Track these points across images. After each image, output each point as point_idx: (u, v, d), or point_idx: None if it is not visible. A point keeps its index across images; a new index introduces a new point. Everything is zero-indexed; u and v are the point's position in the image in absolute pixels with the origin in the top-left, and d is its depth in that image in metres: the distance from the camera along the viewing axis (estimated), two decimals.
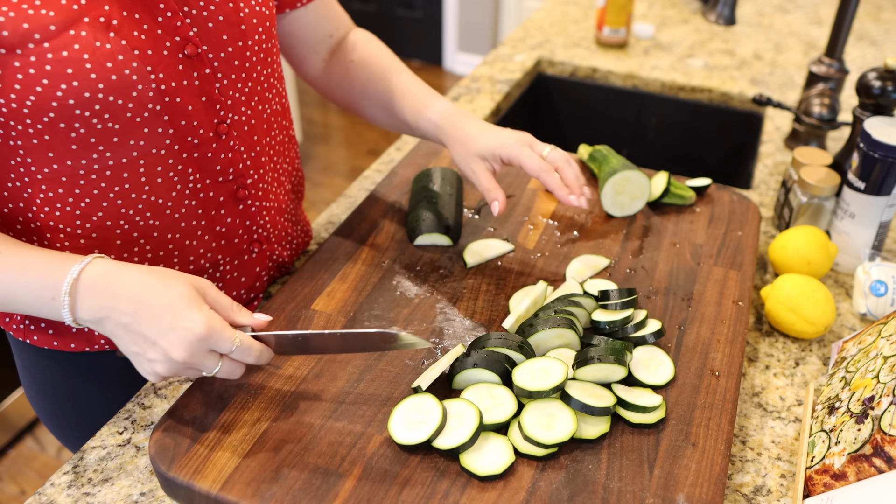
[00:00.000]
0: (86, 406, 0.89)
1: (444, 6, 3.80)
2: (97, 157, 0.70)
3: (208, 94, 0.75)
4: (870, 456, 0.62)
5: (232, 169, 0.80)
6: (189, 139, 0.75)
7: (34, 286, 0.66)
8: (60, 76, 0.65)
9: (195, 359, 0.65)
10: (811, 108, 1.20)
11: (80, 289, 0.65)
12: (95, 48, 0.66)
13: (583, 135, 1.64)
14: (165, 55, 0.71)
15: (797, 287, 0.86)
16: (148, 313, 0.64)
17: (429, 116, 0.91)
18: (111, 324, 0.65)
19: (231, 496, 0.63)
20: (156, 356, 0.65)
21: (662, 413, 0.71)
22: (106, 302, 0.65)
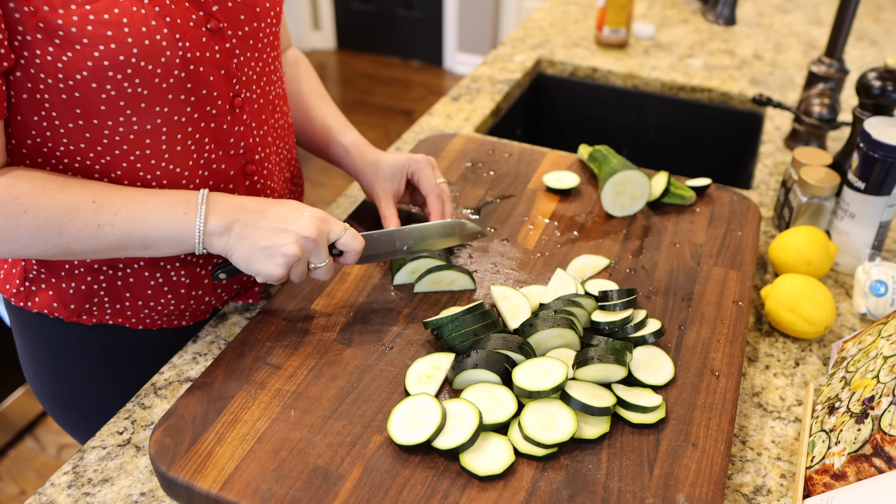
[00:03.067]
0: (83, 385, 0.91)
1: (444, 6, 3.80)
2: (123, 119, 0.74)
3: (227, 68, 0.80)
4: (870, 456, 0.62)
5: (243, 143, 0.84)
6: (208, 108, 0.79)
7: (165, 205, 0.73)
8: (100, 37, 0.69)
9: (321, 238, 0.75)
10: (811, 108, 1.20)
11: (213, 202, 0.75)
12: (133, 13, 0.70)
13: (583, 135, 1.64)
14: (191, 26, 0.75)
15: (797, 287, 0.86)
16: (275, 211, 0.75)
17: (341, 142, 0.98)
18: (240, 225, 0.74)
19: (231, 496, 0.63)
20: (287, 239, 0.73)
21: (662, 413, 0.71)
22: (235, 209, 0.75)
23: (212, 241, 0.75)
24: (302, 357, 0.77)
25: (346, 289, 0.86)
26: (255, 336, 0.79)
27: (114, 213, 0.72)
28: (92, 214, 0.72)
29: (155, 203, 0.74)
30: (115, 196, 0.73)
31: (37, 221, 0.70)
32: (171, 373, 0.81)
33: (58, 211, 0.71)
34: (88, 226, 0.71)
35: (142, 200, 0.73)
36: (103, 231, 0.72)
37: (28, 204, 0.70)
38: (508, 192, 1.04)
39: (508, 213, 1.00)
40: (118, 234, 0.72)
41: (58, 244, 0.72)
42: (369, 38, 4.09)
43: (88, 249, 0.73)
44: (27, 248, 0.72)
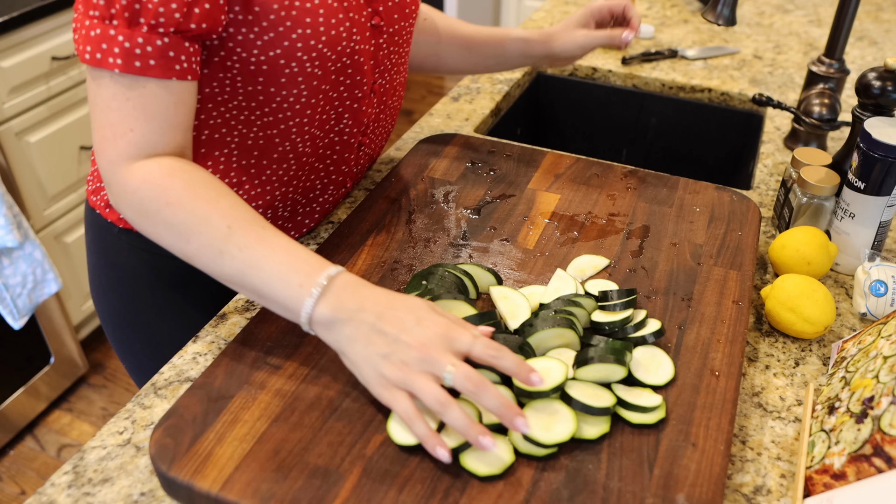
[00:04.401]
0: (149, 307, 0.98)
1: (444, 6, 3.80)
2: (296, 92, 0.81)
3: (377, 59, 0.90)
4: (870, 456, 0.62)
5: (367, 120, 0.94)
6: (356, 91, 0.89)
7: (287, 267, 0.69)
8: (300, 23, 0.77)
9: (434, 351, 0.64)
10: (811, 108, 1.20)
11: (333, 287, 0.68)
12: (328, 5, 0.79)
13: (583, 135, 1.64)
14: (362, 22, 0.85)
15: (797, 287, 0.86)
16: (392, 315, 0.66)
17: (514, 36, 1.09)
18: (351, 326, 0.66)
19: (231, 496, 0.63)
20: (395, 349, 0.65)
21: (663, 413, 0.71)
22: (352, 304, 0.67)
23: (319, 329, 0.68)
24: (302, 357, 0.77)
25: None
26: (255, 336, 0.79)
27: (240, 247, 0.69)
28: (221, 238, 0.70)
29: (281, 258, 0.69)
30: (251, 231, 0.70)
31: (173, 219, 0.71)
32: (171, 373, 0.81)
33: (194, 219, 0.70)
34: (213, 248, 0.70)
35: (271, 248, 0.69)
36: (224, 260, 0.70)
37: (172, 198, 0.71)
38: (508, 192, 1.04)
39: (508, 213, 1.00)
40: (235, 270, 0.70)
41: (184, 250, 0.72)
42: None
43: (207, 269, 0.72)
44: (160, 237, 0.73)
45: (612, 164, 1.11)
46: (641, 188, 1.05)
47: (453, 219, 0.99)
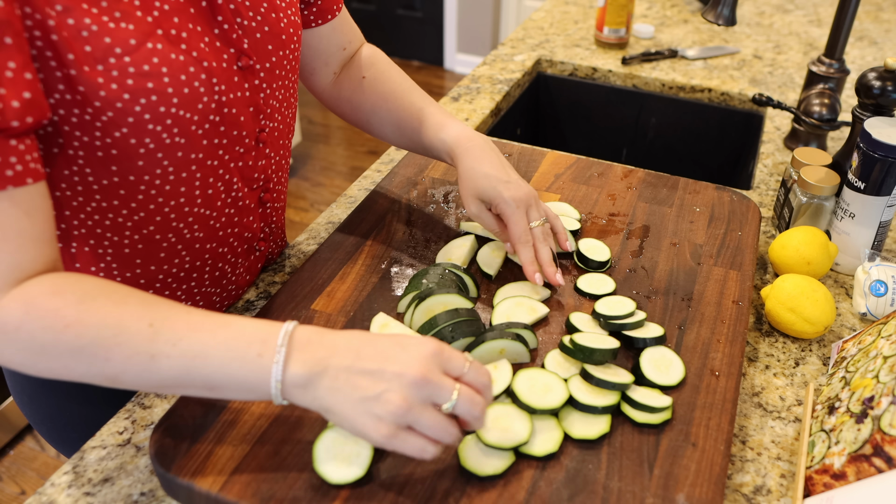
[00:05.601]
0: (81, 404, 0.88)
1: (444, 6, 3.80)
2: (160, 172, 0.69)
3: (255, 104, 0.77)
4: (870, 456, 0.62)
5: (263, 175, 0.82)
6: (237, 149, 0.76)
7: (237, 343, 0.59)
8: (141, 91, 0.64)
9: (432, 375, 0.57)
10: (811, 108, 1.20)
11: (296, 343, 0.59)
12: (171, 60, 0.65)
13: (583, 135, 1.64)
14: (224, 67, 0.71)
15: (797, 287, 0.86)
16: (371, 349, 0.59)
17: (442, 137, 0.88)
18: (329, 376, 0.58)
19: (231, 496, 0.63)
20: (387, 385, 0.57)
21: (668, 415, 0.70)
22: (324, 352, 0.59)
23: (294, 393, 0.59)
24: None
25: (346, 289, 0.86)
26: None
27: (173, 343, 0.59)
28: (146, 341, 0.59)
29: (225, 336, 0.59)
30: (179, 321, 0.60)
31: (80, 341, 0.58)
32: None
33: (106, 332, 0.58)
34: (140, 354, 0.59)
35: (209, 330, 0.60)
36: (158, 364, 0.59)
37: (71, 318, 0.58)
38: None
39: None
40: (175, 370, 0.59)
41: (103, 371, 0.59)
42: (369, 38, 4.09)
43: (140, 382, 0.60)
44: (69, 371, 0.60)
45: (612, 164, 1.11)
46: (641, 188, 1.05)
47: (453, 219, 0.99)
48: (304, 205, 2.97)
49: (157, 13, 0.65)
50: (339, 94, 0.97)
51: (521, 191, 0.82)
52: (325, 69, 0.96)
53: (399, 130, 0.93)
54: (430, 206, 1.01)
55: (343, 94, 0.96)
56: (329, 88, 0.98)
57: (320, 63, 0.95)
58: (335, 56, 0.96)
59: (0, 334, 0.59)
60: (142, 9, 0.64)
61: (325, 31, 0.93)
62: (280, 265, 0.95)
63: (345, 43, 0.96)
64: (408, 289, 0.83)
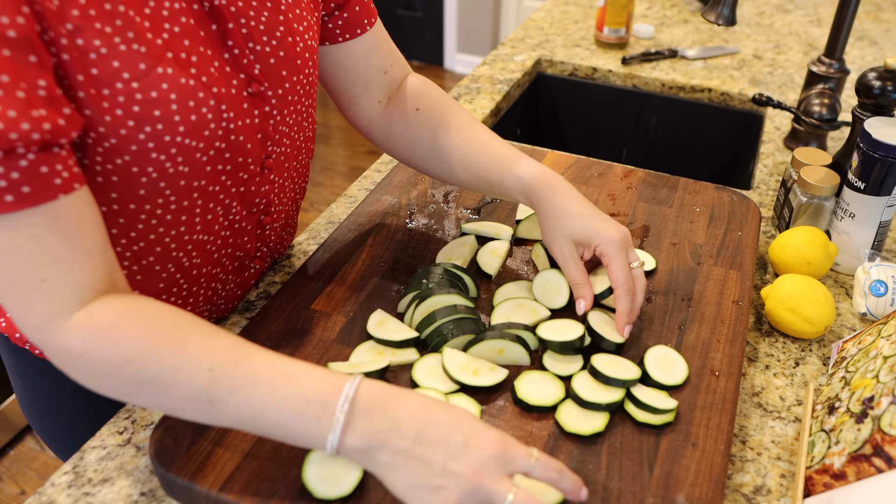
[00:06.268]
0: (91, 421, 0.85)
1: (444, 6, 3.80)
2: (161, 201, 0.67)
3: (264, 131, 0.73)
4: (870, 456, 0.62)
5: (265, 200, 0.79)
6: (241, 175, 0.73)
7: (296, 401, 0.57)
8: (146, 118, 0.61)
9: (489, 481, 0.55)
10: (811, 108, 1.20)
11: (358, 410, 0.57)
12: (181, 86, 0.62)
13: (583, 135, 1.64)
14: (234, 93, 0.68)
15: (797, 287, 0.86)
16: (434, 434, 0.56)
17: (518, 174, 0.80)
18: (387, 452, 0.57)
19: (231, 496, 0.63)
20: (443, 482, 0.55)
21: (671, 417, 0.70)
22: (385, 426, 0.57)
23: (350, 455, 0.58)
24: (302, 357, 0.76)
25: (345, 289, 0.86)
26: (255, 336, 0.79)
27: (231, 391, 0.58)
28: (205, 387, 0.57)
29: (285, 393, 0.58)
30: (238, 368, 0.58)
31: (140, 377, 0.58)
32: None
33: (165, 371, 0.57)
34: (199, 398, 0.58)
35: (269, 384, 0.58)
36: (215, 409, 0.58)
37: (132, 353, 0.57)
38: None
39: (509, 213, 1.00)
40: (233, 417, 0.58)
41: (164, 405, 0.59)
42: None
43: (201, 420, 0.60)
44: (132, 399, 0.60)
45: (612, 164, 1.11)
46: (641, 188, 1.05)
47: (453, 219, 0.99)
48: (305, 205, 2.97)
49: (167, 35, 0.62)
50: (390, 129, 0.89)
51: (620, 231, 0.76)
52: (367, 96, 0.88)
53: (464, 167, 0.85)
54: (430, 206, 1.01)
55: (394, 128, 0.89)
56: (377, 121, 0.90)
57: (360, 88, 0.87)
58: (376, 80, 0.87)
59: (65, 359, 0.59)
60: (152, 30, 0.61)
61: (361, 50, 0.86)
62: (280, 265, 0.95)
63: (385, 65, 0.88)
64: (408, 289, 0.83)
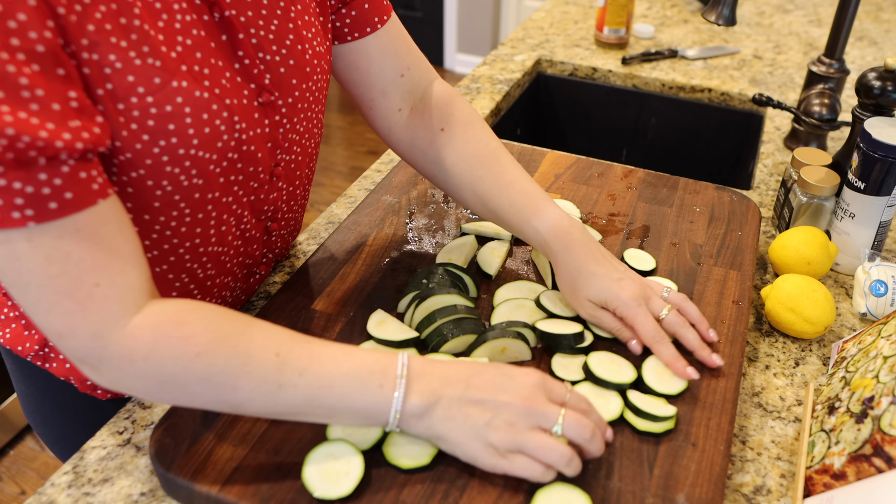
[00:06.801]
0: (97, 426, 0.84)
1: (444, 6, 3.80)
2: (176, 213, 0.67)
3: (274, 140, 0.73)
4: (870, 456, 0.62)
5: (273, 207, 0.79)
6: (251, 184, 0.73)
7: (359, 374, 0.61)
8: (161, 132, 0.61)
9: (538, 403, 0.62)
10: (811, 108, 1.20)
11: (413, 374, 0.62)
12: (195, 99, 0.62)
13: (583, 135, 1.64)
14: (245, 104, 0.68)
15: (797, 287, 0.86)
16: (479, 379, 0.63)
17: (536, 227, 0.79)
18: (443, 405, 0.62)
19: (231, 496, 0.63)
20: (496, 412, 0.61)
21: (671, 425, 0.70)
22: (438, 382, 0.62)
23: (410, 423, 0.62)
24: None
25: (346, 289, 0.86)
26: None
27: (299, 372, 0.60)
28: (274, 371, 0.60)
29: (348, 367, 0.61)
30: (303, 351, 0.61)
31: (210, 370, 0.59)
32: None
33: (235, 361, 0.59)
34: (268, 384, 0.60)
35: (332, 360, 0.61)
36: (284, 393, 0.60)
37: (202, 347, 0.59)
38: None
39: None
40: (300, 399, 0.61)
41: (229, 400, 0.60)
42: None
43: (263, 410, 0.62)
44: (194, 399, 0.61)
45: (612, 164, 1.11)
46: (641, 188, 1.05)
47: (453, 219, 0.99)
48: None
49: (180, 48, 0.62)
50: (413, 144, 0.86)
51: (635, 286, 0.76)
52: (384, 101, 0.85)
53: (482, 203, 0.83)
54: (430, 206, 1.01)
55: (417, 144, 0.86)
56: (399, 132, 0.87)
57: (376, 93, 0.84)
58: (393, 85, 0.84)
59: (127, 364, 0.58)
60: (166, 44, 0.61)
61: (373, 51, 0.83)
62: (280, 265, 0.95)
63: (401, 68, 0.84)
64: (408, 288, 0.83)
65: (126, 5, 0.58)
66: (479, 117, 0.86)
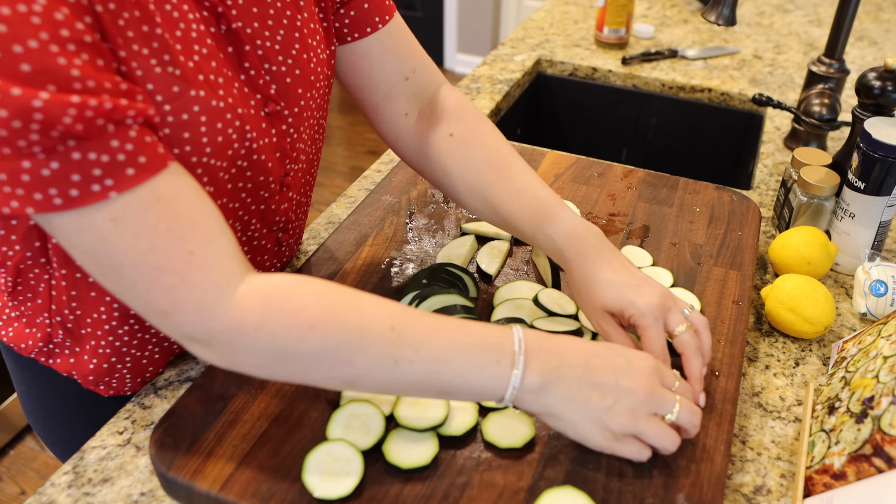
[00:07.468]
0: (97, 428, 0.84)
1: (444, 6, 3.80)
2: None
3: (282, 150, 0.73)
4: (870, 456, 0.62)
5: (284, 218, 0.78)
6: (261, 193, 0.72)
7: (475, 347, 0.60)
8: (176, 140, 0.60)
9: (657, 390, 0.62)
10: (811, 108, 1.20)
11: (530, 349, 0.61)
12: (211, 108, 0.62)
13: (583, 135, 1.64)
14: (252, 114, 0.67)
15: (797, 287, 0.86)
16: (598, 360, 0.62)
17: (549, 234, 0.75)
18: (563, 384, 0.61)
19: (231, 496, 0.63)
20: (618, 398, 0.61)
21: None
22: (557, 361, 0.61)
23: (525, 398, 0.61)
24: None
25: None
26: None
27: (416, 347, 0.58)
28: (390, 345, 0.58)
29: (464, 342, 0.59)
30: (417, 325, 0.59)
31: (325, 343, 0.57)
32: (171, 372, 0.81)
33: (351, 334, 0.57)
34: (385, 359, 0.58)
35: (448, 336, 0.60)
36: (401, 368, 0.58)
37: (315, 318, 0.57)
38: None
39: None
40: (417, 375, 0.59)
41: (344, 375, 0.58)
42: None
43: (378, 386, 0.60)
44: (307, 374, 0.59)
45: (612, 164, 1.11)
46: (641, 188, 1.05)
47: (453, 219, 0.99)
48: None
49: (197, 58, 0.62)
50: (421, 150, 0.83)
51: (654, 296, 0.70)
52: (389, 105, 0.83)
53: (493, 210, 0.79)
54: (430, 206, 1.01)
55: (425, 150, 0.83)
56: (406, 138, 0.84)
57: (380, 97, 0.82)
58: (398, 88, 0.82)
59: (238, 336, 0.57)
60: (184, 53, 0.61)
61: (375, 52, 0.81)
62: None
63: (405, 71, 0.82)
64: (408, 289, 0.83)
65: (148, 13, 0.58)
66: (488, 122, 0.83)
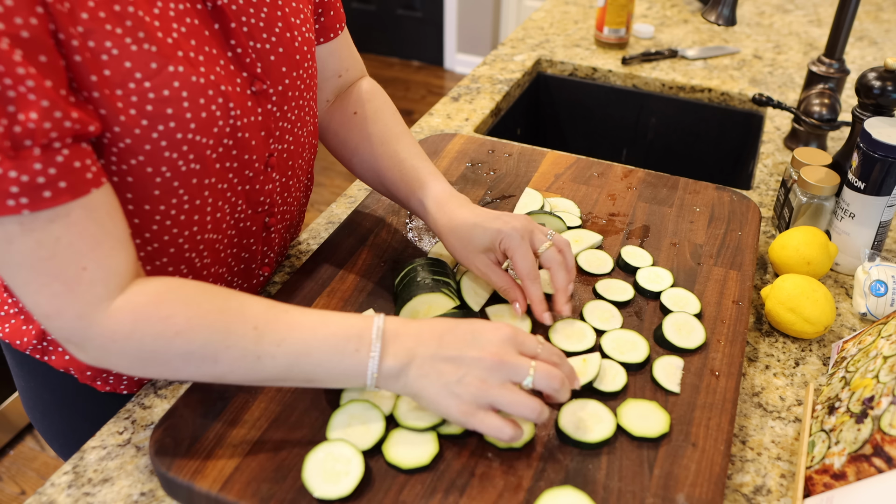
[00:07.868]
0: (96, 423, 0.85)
1: (444, 6, 3.80)
2: (175, 201, 0.68)
3: (267, 129, 0.75)
4: (870, 456, 0.62)
5: (269, 199, 0.79)
6: (246, 173, 0.74)
7: (335, 338, 0.63)
8: (159, 117, 0.62)
9: (509, 356, 0.63)
10: (811, 108, 1.20)
11: (388, 336, 0.64)
12: (192, 84, 0.64)
13: (583, 135, 1.64)
14: (238, 91, 0.69)
15: (797, 287, 0.86)
16: (452, 336, 0.64)
17: (420, 198, 0.83)
18: (417, 364, 0.63)
19: (231, 496, 0.63)
20: (465, 370, 0.62)
21: (666, 429, 0.70)
22: (411, 342, 0.64)
23: (387, 382, 0.64)
24: None
25: (346, 288, 0.86)
26: None
27: (277, 343, 0.62)
28: (252, 343, 0.62)
29: (324, 334, 0.63)
30: (280, 322, 0.63)
31: (190, 346, 0.61)
32: None
33: (215, 336, 0.61)
34: (247, 356, 0.62)
35: (309, 329, 0.63)
36: (263, 363, 0.62)
37: (181, 325, 0.60)
38: (508, 192, 1.04)
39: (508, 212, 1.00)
40: (280, 367, 0.63)
41: (211, 372, 0.63)
42: (369, 38, 4.09)
43: (244, 379, 0.64)
44: (177, 373, 0.63)
45: (612, 164, 1.11)
46: (641, 188, 1.05)
47: None
48: None
49: (175, 35, 0.63)
50: (328, 126, 0.92)
51: (518, 220, 0.77)
52: (318, 95, 0.91)
53: (378, 178, 0.88)
54: None
55: (332, 125, 0.92)
56: (325, 120, 0.92)
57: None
58: (329, 82, 0.91)
59: (109, 342, 0.60)
60: (162, 30, 0.62)
61: (323, 54, 0.88)
62: (280, 265, 0.95)
63: (341, 70, 0.91)
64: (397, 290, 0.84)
65: None
66: (392, 107, 0.91)
